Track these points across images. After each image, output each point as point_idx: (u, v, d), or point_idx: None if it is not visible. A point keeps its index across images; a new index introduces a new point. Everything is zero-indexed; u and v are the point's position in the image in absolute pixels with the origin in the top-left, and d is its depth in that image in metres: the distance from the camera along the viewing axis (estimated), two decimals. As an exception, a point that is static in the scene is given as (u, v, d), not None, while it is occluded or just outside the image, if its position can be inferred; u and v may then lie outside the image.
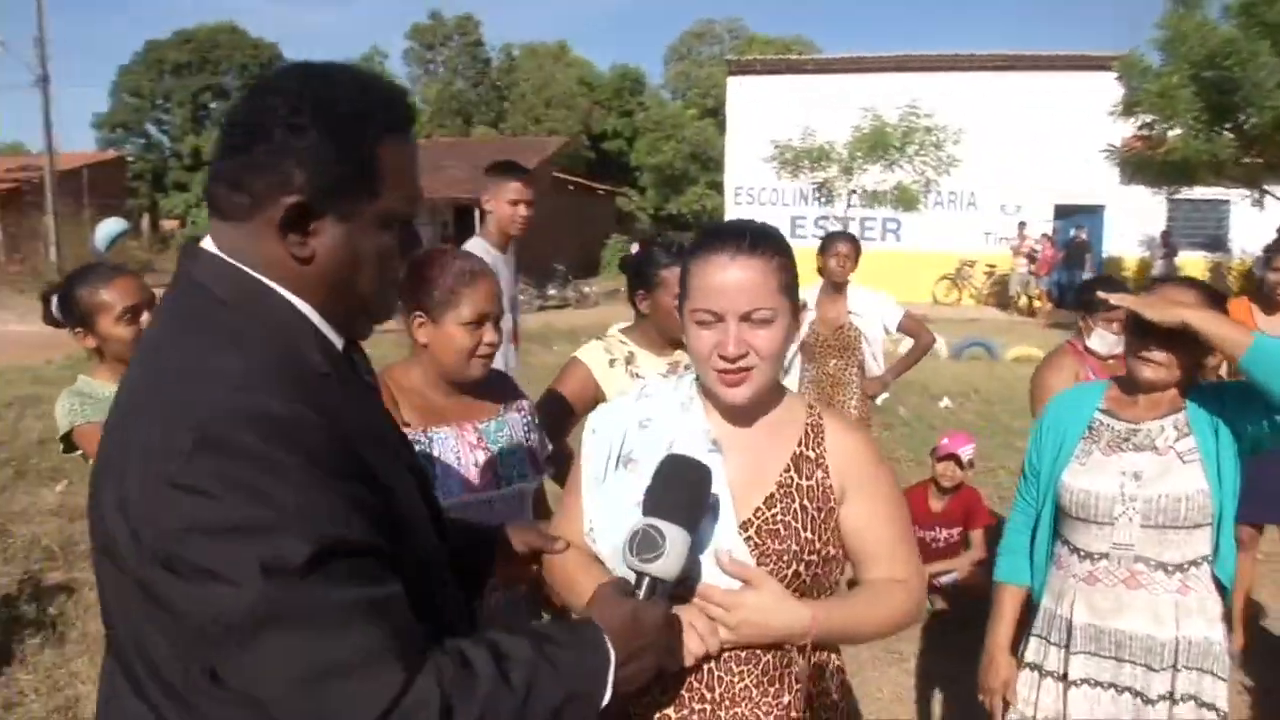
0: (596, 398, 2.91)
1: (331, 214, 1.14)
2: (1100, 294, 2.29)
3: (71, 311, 2.75)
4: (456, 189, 27.63)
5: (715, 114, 35.50)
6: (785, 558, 1.56)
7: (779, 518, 1.58)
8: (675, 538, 1.38)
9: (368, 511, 1.08)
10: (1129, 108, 16.19)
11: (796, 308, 1.63)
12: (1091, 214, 23.36)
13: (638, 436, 1.66)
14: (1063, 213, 23.54)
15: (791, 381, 5.03)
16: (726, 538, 1.56)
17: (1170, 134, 15.75)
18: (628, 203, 43.02)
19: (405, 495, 1.22)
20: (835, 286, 5.10)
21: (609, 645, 1.24)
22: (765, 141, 18.54)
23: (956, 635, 4.22)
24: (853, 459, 1.65)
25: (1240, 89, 14.36)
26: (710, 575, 1.55)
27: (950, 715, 4.00)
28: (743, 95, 25.38)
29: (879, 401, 5.34)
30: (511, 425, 2.44)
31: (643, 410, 1.71)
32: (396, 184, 1.18)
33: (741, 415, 1.65)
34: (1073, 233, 22.54)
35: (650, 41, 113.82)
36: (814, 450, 1.64)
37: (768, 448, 1.64)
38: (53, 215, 24.30)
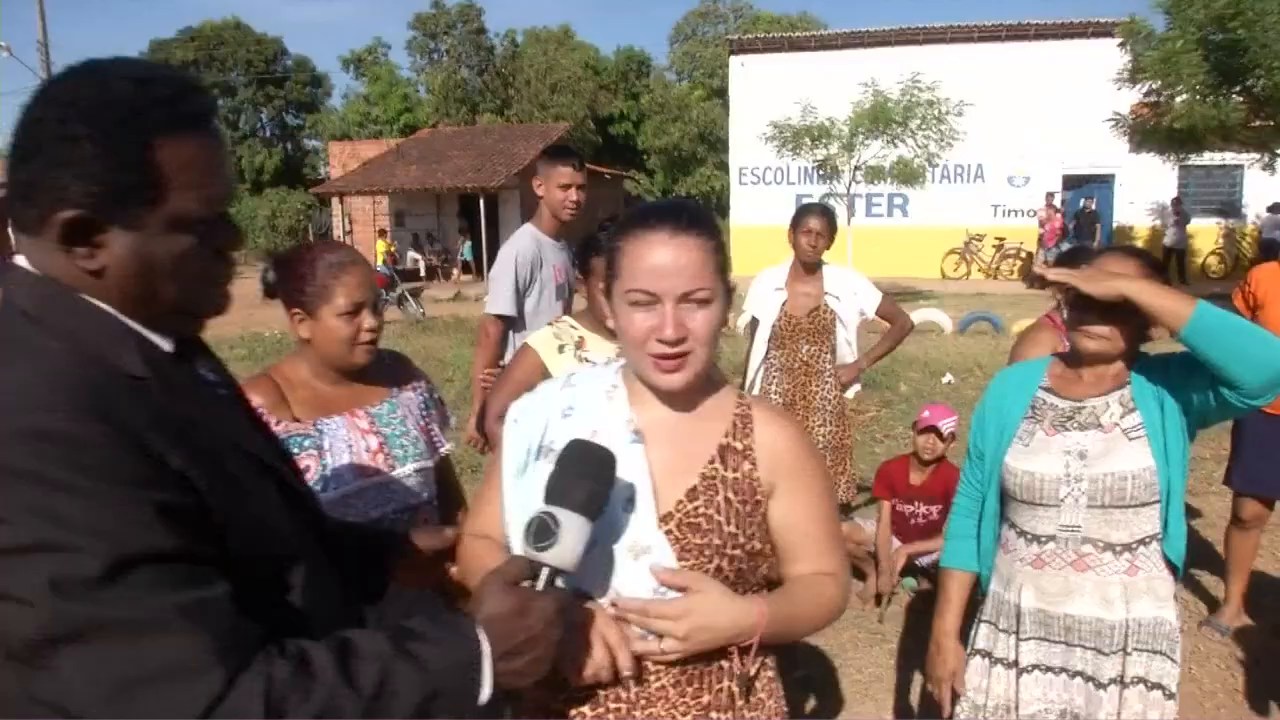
0: None
1: (116, 224, 1.10)
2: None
3: None
4: (461, 179, 27.57)
5: (721, 94, 35.20)
6: (707, 552, 1.50)
7: (701, 511, 1.52)
8: (570, 525, 1.32)
9: (183, 516, 1.05)
10: (1133, 75, 15.94)
11: (730, 291, 1.57)
12: (1101, 183, 23.11)
13: (559, 426, 1.59)
14: (1072, 183, 23.31)
15: (758, 363, 4.78)
16: (645, 531, 1.50)
17: (1176, 100, 15.50)
18: (636, 186, 42.85)
19: (249, 494, 1.19)
20: (806, 266, 4.68)
21: (483, 639, 1.19)
22: (768, 121, 18.37)
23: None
24: (783, 451, 1.58)
25: (1248, 51, 14.08)
26: (625, 570, 1.50)
27: (929, 695, 3.94)
28: (745, 74, 25.20)
29: (850, 394, 4.91)
30: (405, 405, 2.44)
31: (566, 399, 1.64)
32: (186, 184, 1.12)
33: (668, 403, 1.58)
34: (1082, 203, 22.28)
35: (654, 23, 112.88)
36: (741, 441, 1.58)
37: (693, 438, 1.57)
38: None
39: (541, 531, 1.32)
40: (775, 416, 1.63)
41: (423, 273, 27.67)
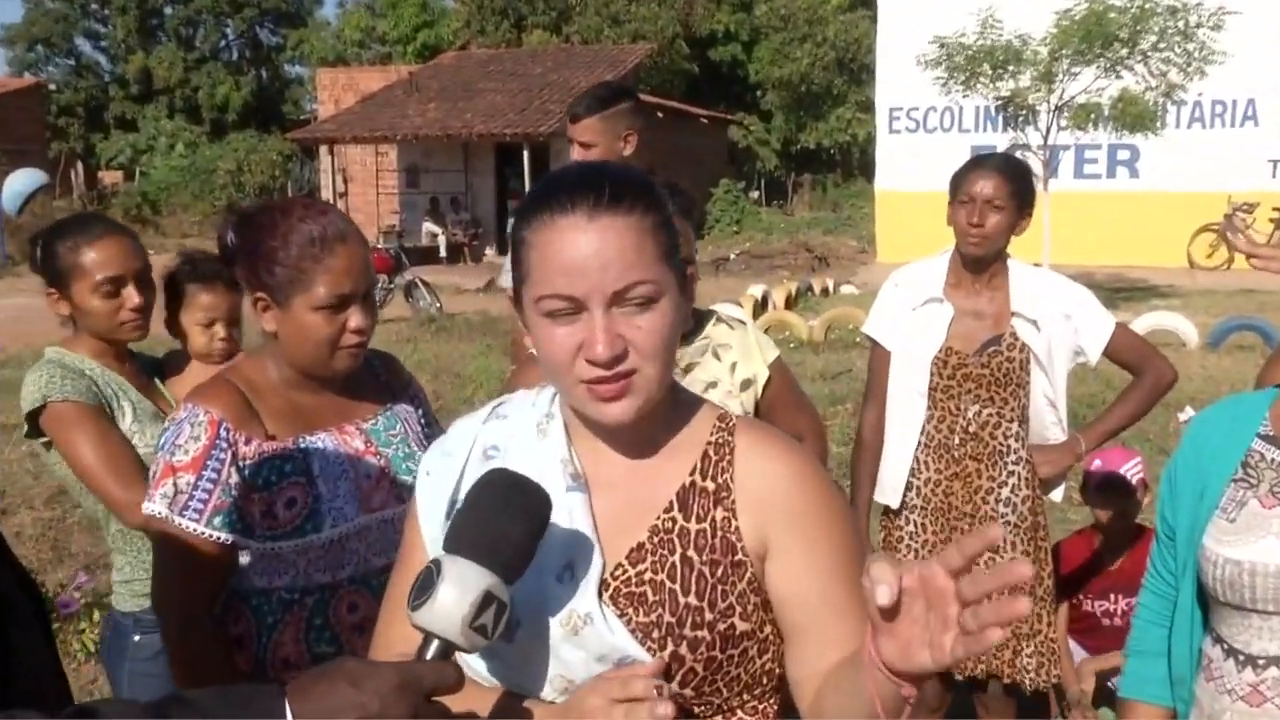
0: None
1: None
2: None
3: (48, 266, 3.02)
4: (498, 122, 27.90)
5: (869, 3, 35.20)
6: (656, 634, 1.52)
7: (647, 576, 1.55)
8: (453, 575, 1.36)
9: None
10: None
11: (685, 279, 1.59)
12: None
13: (479, 471, 1.61)
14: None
15: (910, 433, 3.83)
16: (586, 601, 1.54)
17: None
18: (745, 135, 42.93)
19: None
20: (975, 263, 3.74)
21: (289, 716, 1.25)
22: (932, 37, 18.22)
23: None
24: (777, 490, 1.59)
25: None
26: (567, 650, 1.54)
27: None
28: (900, -27, 25.08)
29: (1057, 495, 4.07)
30: (404, 418, 2.55)
31: (491, 435, 1.70)
32: None
33: (615, 440, 1.62)
34: None
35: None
36: (714, 479, 1.60)
37: (651, 481, 1.62)
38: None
39: (422, 586, 1.37)
40: (766, 442, 1.65)
41: (442, 252, 28.17)
